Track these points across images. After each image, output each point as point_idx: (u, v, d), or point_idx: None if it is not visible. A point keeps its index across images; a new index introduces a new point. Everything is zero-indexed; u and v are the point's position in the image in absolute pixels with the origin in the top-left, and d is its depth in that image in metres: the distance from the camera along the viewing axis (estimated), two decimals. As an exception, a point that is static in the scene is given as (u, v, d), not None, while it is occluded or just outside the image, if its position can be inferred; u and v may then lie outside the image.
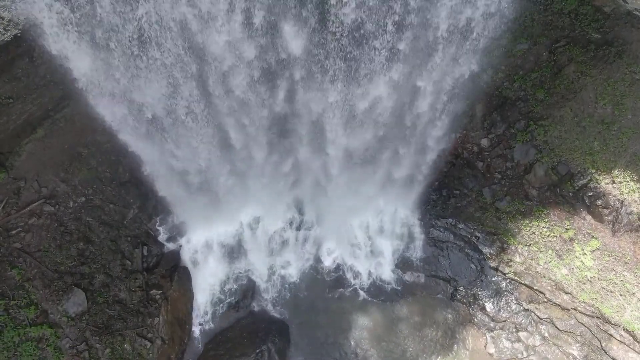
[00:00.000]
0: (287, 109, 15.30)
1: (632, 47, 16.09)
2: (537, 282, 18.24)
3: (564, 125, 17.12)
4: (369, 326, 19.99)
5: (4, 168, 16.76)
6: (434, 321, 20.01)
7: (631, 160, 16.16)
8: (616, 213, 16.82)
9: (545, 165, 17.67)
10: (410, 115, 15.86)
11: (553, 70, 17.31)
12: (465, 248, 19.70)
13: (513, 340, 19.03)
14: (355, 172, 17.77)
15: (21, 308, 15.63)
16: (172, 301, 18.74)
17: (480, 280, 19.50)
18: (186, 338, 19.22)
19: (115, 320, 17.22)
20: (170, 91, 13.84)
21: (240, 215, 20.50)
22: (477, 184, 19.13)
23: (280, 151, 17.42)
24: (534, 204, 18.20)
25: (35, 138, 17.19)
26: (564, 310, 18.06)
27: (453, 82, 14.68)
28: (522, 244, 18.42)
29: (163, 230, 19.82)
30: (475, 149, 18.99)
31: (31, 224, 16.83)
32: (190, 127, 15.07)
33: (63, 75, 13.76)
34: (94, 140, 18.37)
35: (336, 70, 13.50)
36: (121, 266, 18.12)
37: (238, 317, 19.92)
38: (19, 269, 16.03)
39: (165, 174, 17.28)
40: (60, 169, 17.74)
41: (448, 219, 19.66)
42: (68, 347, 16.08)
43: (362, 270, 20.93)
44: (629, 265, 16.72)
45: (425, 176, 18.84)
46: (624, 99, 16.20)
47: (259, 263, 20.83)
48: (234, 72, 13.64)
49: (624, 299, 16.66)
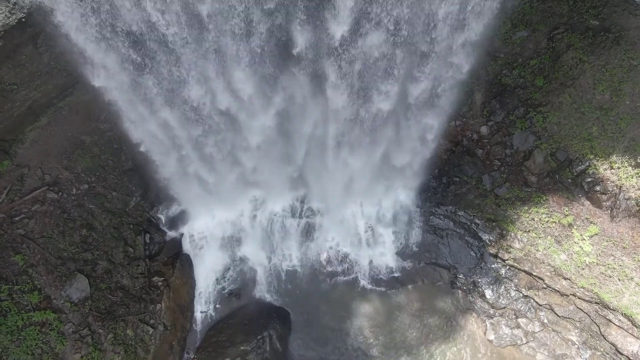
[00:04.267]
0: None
1: (629, 34, 16.22)
2: (536, 268, 18.34)
3: (563, 111, 17.25)
4: (369, 314, 20.13)
5: (7, 155, 16.95)
6: (434, 308, 20.13)
7: (629, 145, 16.26)
8: (614, 199, 16.93)
9: (544, 152, 17.80)
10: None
11: (552, 57, 17.45)
12: (465, 235, 19.81)
13: (512, 327, 19.14)
14: (357, 158, 17.88)
15: (25, 293, 15.77)
16: (174, 288, 18.91)
17: (480, 268, 19.61)
18: (188, 325, 19.38)
19: (117, 306, 17.39)
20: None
21: (242, 203, 20.65)
22: (477, 171, 19.26)
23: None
24: (533, 190, 18.33)
25: (39, 126, 17.42)
26: (563, 296, 18.15)
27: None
28: (521, 230, 18.54)
29: (165, 218, 19.99)
30: (474, 137, 19.13)
31: (34, 210, 17.00)
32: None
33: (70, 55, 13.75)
34: (97, 128, 18.58)
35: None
36: (123, 253, 18.29)
37: (239, 305, 20.11)
38: (22, 255, 16.19)
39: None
40: (63, 157, 17.94)
41: (448, 206, 19.77)
42: (71, 332, 16.22)
43: (363, 259, 21.06)
44: (627, 250, 16.83)
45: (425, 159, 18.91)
46: (622, 85, 16.32)
47: (260, 251, 20.99)
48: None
49: (623, 283, 16.77)
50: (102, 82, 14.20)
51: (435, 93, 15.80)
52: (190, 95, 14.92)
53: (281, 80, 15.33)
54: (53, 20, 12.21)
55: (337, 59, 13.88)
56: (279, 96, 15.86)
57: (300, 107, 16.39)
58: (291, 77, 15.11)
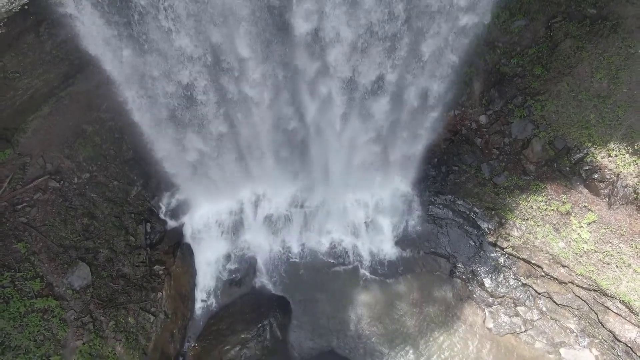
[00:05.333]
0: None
1: (627, 22, 16.33)
2: (534, 256, 18.46)
3: (561, 99, 17.36)
4: (369, 302, 20.24)
5: (10, 144, 17.05)
6: (433, 298, 20.24)
7: (626, 133, 16.38)
8: (612, 186, 17.05)
9: (542, 141, 17.91)
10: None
11: (550, 46, 17.56)
12: (464, 225, 19.92)
13: (511, 315, 19.25)
14: (357, 146, 18.01)
15: (27, 280, 15.86)
16: (175, 277, 19.03)
17: (479, 257, 19.73)
18: (189, 313, 19.49)
19: (119, 294, 17.49)
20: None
21: (243, 193, 20.77)
22: (476, 160, 19.38)
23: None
24: (531, 178, 18.44)
25: (41, 115, 17.50)
26: (562, 284, 18.27)
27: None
28: (519, 218, 18.66)
29: (166, 208, 20.12)
30: (473, 126, 19.25)
31: (36, 199, 17.10)
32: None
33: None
34: (98, 118, 18.67)
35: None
36: (125, 242, 18.40)
37: (240, 293, 20.23)
38: (24, 242, 16.29)
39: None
40: (65, 146, 18.04)
41: (447, 195, 19.88)
42: (73, 318, 16.32)
43: (362, 248, 21.19)
44: (625, 237, 16.94)
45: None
46: (619, 73, 16.44)
47: (261, 240, 21.11)
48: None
49: (620, 270, 16.88)
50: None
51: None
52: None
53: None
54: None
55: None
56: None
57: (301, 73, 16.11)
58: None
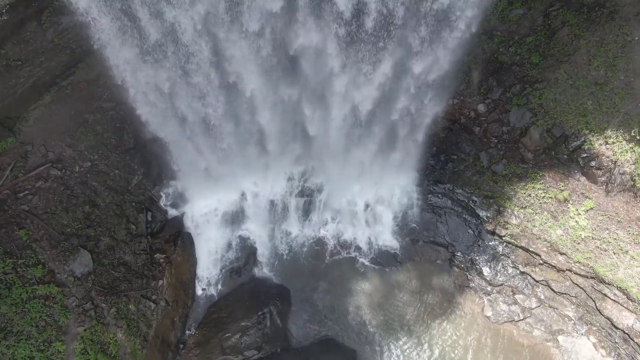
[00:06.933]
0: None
1: (624, 10, 16.43)
2: (532, 244, 18.57)
3: (559, 87, 17.48)
4: (368, 291, 20.37)
5: (12, 133, 17.23)
6: (432, 286, 20.36)
7: (623, 120, 16.49)
8: (609, 174, 17.17)
9: (540, 129, 18.03)
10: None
11: (547, 34, 17.68)
12: (463, 213, 20.05)
13: (510, 304, 19.36)
14: (356, 138, 18.12)
15: (29, 267, 16.02)
16: (175, 265, 19.16)
17: (478, 245, 19.85)
18: (189, 301, 19.64)
19: (120, 281, 17.63)
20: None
21: (243, 182, 20.89)
22: (474, 148, 19.49)
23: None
24: (529, 166, 18.56)
25: (42, 104, 17.69)
26: (560, 272, 18.38)
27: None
28: (518, 206, 18.77)
29: (166, 197, 20.25)
30: (472, 114, 19.37)
31: (38, 187, 17.27)
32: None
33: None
34: (100, 107, 18.83)
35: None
36: (126, 230, 18.55)
37: (240, 282, 20.36)
38: (26, 230, 16.45)
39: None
40: (66, 135, 18.18)
41: (446, 184, 19.99)
42: (74, 305, 16.47)
43: (362, 237, 21.30)
44: (622, 224, 17.06)
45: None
46: (616, 61, 16.55)
47: (261, 229, 21.24)
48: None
49: (618, 257, 16.99)
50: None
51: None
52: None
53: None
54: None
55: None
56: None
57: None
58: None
